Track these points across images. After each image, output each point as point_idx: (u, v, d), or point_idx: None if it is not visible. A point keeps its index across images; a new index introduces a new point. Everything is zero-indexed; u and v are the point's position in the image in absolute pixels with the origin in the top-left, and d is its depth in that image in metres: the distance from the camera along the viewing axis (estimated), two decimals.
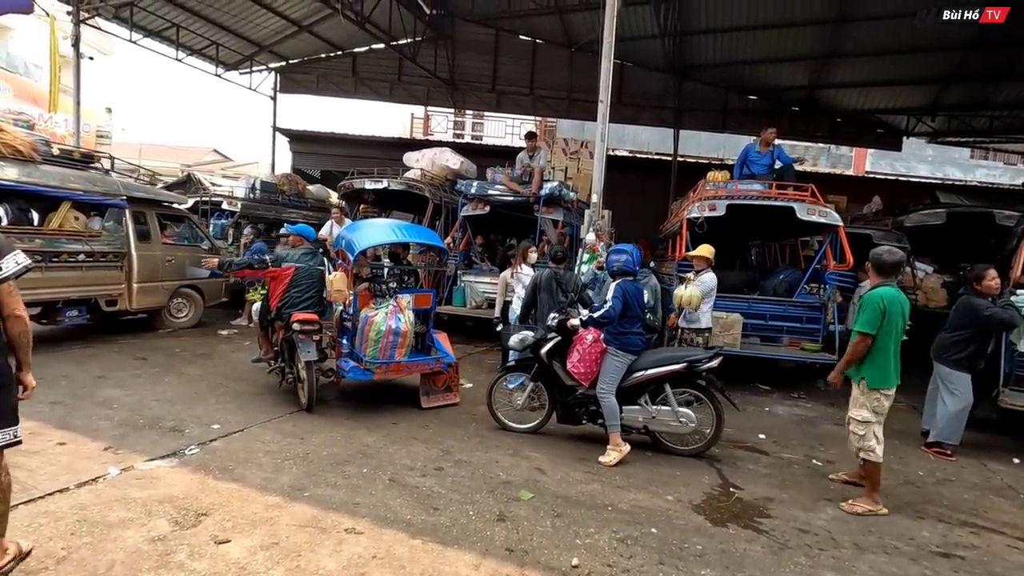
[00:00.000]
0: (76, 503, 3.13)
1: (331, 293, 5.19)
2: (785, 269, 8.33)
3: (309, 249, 5.60)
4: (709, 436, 4.52)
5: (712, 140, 18.06)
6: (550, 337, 4.64)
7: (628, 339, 4.39)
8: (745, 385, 7.05)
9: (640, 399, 4.49)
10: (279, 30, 14.89)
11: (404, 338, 5.09)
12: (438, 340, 5.60)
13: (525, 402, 4.91)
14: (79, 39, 12.57)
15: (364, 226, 5.88)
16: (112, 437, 4.09)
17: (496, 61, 15.92)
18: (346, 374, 5.12)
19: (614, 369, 4.39)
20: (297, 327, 4.97)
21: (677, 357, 4.53)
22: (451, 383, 5.63)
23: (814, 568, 3.01)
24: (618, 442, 4.34)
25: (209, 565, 2.65)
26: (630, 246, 4.71)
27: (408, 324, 5.11)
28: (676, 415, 4.43)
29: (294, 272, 5.28)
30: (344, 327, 5.39)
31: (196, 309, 8.63)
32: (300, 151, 18.75)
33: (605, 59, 7.18)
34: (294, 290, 5.24)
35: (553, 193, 8.70)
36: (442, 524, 3.17)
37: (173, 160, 27.80)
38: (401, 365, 5.19)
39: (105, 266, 7.16)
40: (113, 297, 7.31)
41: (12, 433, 2.41)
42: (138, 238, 7.58)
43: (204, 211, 11.10)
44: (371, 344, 5.00)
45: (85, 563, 2.60)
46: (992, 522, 3.72)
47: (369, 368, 5.01)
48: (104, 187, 7.27)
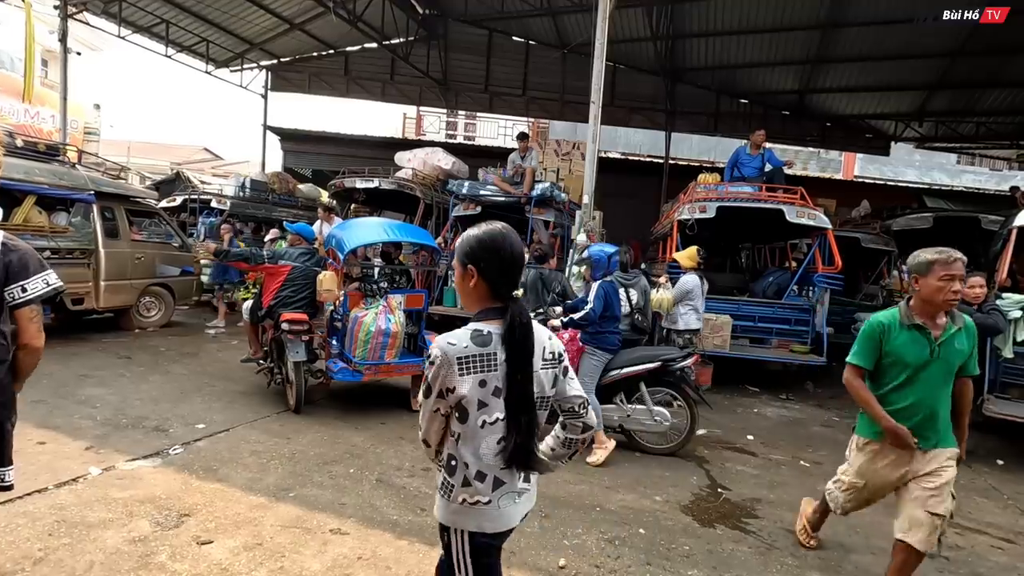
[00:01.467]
0: (55, 503, 3.07)
1: (321, 293, 5.13)
2: (774, 271, 8.39)
3: (307, 249, 5.54)
4: (684, 434, 4.55)
5: (703, 143, 18.17)
6: None
7: (605, 338, 4.42)
8: (734, 386, 7.08)
9: (616, 398, 4.54)
10: (270, 28, 14.79)
11: (394, 339, 5.03)
12: (430, 341, 5.53)
13: None
14: (66, 34, 12.42)
15: (355, 225, 5.82)
16: (94, 437, 4.02)
17: (489, 62, 15.91)
18: (334, 375, 5.06)
19: (592, 368, 4.41)
20: (285, 327, 4.92)
21: (652, 356, 4.57)
22: None
23: (801, 568, 3.01)
24: (603, 440, 4.35)
25: (191, 566, 2.61)
26: (612, 246, 4.75)
27: (398, 325, 5.05)
28: (651, 413, 4.47)
29: (290, 271, 5.24)
30: (334, 327, 5.32)
31: (166, 308, 8.36)
32: (291, 150, 18.64)
33: (597, 61, 7.19)
34: (288, 289, 5.19)
35: (545, 194, 8.69)
36: (429, 525, 3.14)
37: (163, 158, 27.58)
38: (391, 366, 5.12)
39: (71, 263, 6.86)
40: (80, 296, 7.02)
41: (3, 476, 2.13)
42: (106, 234, 7.31)
43: (193, 209, 11.01)
44: (360, 345, 4.94)
45: (63, 564, 2.55)
46: (976, 523, 3.75)
47: (358, 369, 4.95)
48: (71, 181, 6.98)
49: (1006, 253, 5.53)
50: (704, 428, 5.44)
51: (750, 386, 7.21)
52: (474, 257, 1.54)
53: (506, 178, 9.10)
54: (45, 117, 18.76)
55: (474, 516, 1.54)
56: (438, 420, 1.55)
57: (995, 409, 4.99)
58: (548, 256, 5.85)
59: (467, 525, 1.56)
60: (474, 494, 1.53)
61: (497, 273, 1.53)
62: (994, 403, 5.04)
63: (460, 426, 1.52)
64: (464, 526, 1.56)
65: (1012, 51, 11.27)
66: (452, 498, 1.55)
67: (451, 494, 1.55)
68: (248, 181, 12.41)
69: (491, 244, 1.54)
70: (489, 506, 1.54)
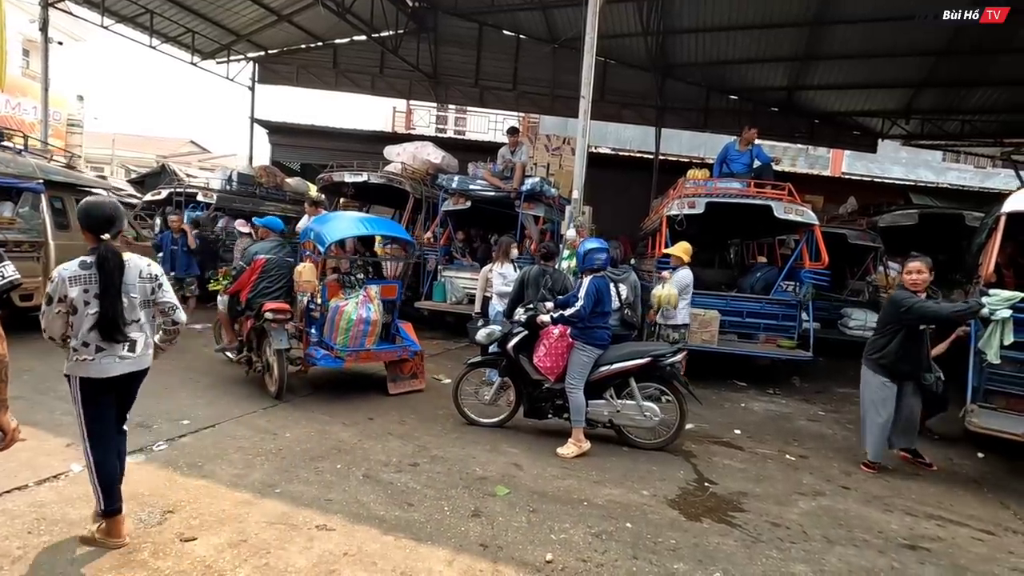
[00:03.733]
0: (35, 500, 3.02)
1: (299, 284, 5.27)
2: (762, 267, 8.44)
3: (278, 240, 5.74)
4: (673, 429, 4.57)
5: (693, 139, 18.21)
6: (517, 331, 4.66)
7: (595, 333, 4.41)
8: (722, 381, 7.13)
9: (605, 393, 4.54)
10: (257, 19, 14.58)
11: (374, 327, 5.35)
12: (403, 330, 5.84)
13: (493, 396, 4.92)
14: (47, 23, 12.17)
15: (333, 219, 5.95)
16: (76, 434, 3.94)
17: (479, 56, 15.82)
18: (317, 361, 5.24)
19: (581, 363, 4.41)
20: (270, 316, 5.05)
21: (641, 351, 4.58)
22: (416, 370, 5.84)
23: (785, 561, 3.04)
24: (580, 438, 4.37)
25: (174, 563, 2.58)
26: (605, 242, 4.75)
27: (378, 313, 5.34)
28: (641, 409, 4.48)
29: (264, 263, 5.40)
30: (311, 317, 5.43)
31: None
32: (279, 143, 18.45)
33: (588, 55, 7.18)
34: (264, 281, 5.36)
35: (534, 189, 8.67)
36: (416, 520, 3.14)
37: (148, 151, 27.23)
38: (371, 353, 5.44)
39: (19, 257, 6.33)
40: (29, 291, 6.46)
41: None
42: (56, 226, 6.85)
43: (179, 202, 10.86)
44: (342, 332, 5.21)
45: (42, 562, 2.51)
46: (958, 515, 3.81)
47: (340, 356, 5.20)
48: (18, 169, 6.62)
49: (992, 244, 4.86)
50: (692, 423, 5.47)
51: (738, 381, 7.26)
52: (78, 216, 2.64)
53: (496, 173, 9.07)
54: (27, 108, 18.38)
55: (83, 368, 2.57)
56: (61, 319, 2.53)
57: (980, 423, 4.39)
58: (554, 254, 5.86)
59: (78, 373, 2.58)
60: (83, 355, 2.55)
61: (88, 225, 2.59)
62: (978, 415, 4.46)
63: (73, 317, 2.54)
64: (76, 374, 2.58)
65: (997, 51, 11.41)
66: (70, 358, 2.58)
67: (70, 355, 2.57)
68: (235, 174, 12.26)
69: (85, 207, 2.61)
70: (92, 362, 2.56)
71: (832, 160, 21.98)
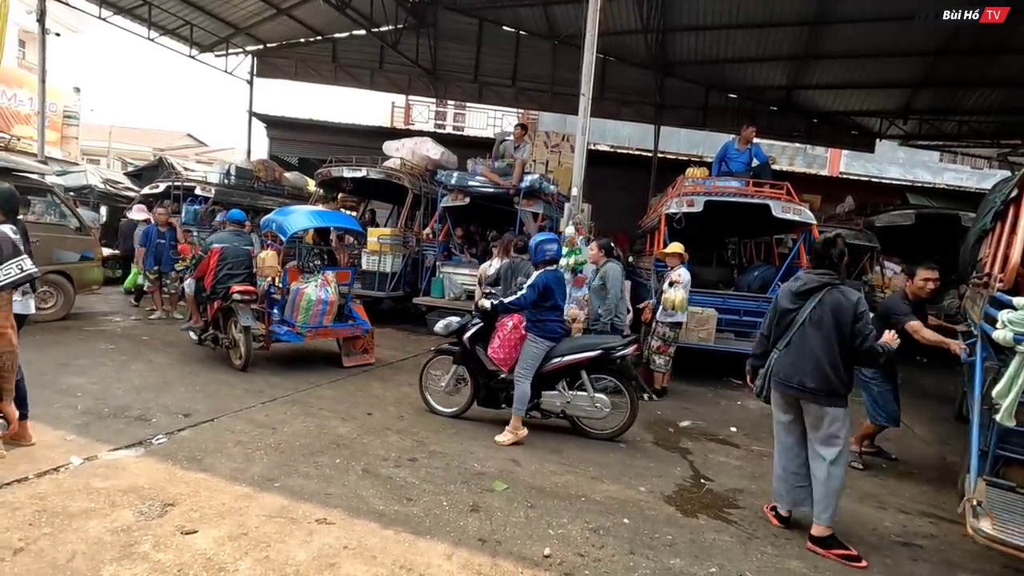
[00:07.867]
0: (35, 493, 3.03)
1: (262, 269, 5.92)
2: (760, 266, 8.47)
3: (235, 231, 6.33)
4: (624, 421, 4.65)
5: (692, 137, 18.25)
6: (474, 323, 4.74)
7: (547, 326, 4.49)
8: (718, 379, 7.17)
9: (558, 384, 4.62)
10: (256, 12, 14.53)
11: (332, 307, 6.06)
12: (355, 311, 6.61)
13: (449, 385, 4.99)
14: (44, 14, 12.08)
15: (290, 212, 6.62)
16: (75, 426, 3.97)
17: (479, 51, 15.79)
18: (280, 337, 5.94)
19: (532, 355, 4.48)
20: (238, 296, 5.64)
21: (593, 344, 4.65)
22: (367, 346, 6.63)
23: (780, 557, 3.08)
24: (518, 427, 4.46)
25: (175, 556, 2.59)
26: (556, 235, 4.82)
27: (335, 295, 6.06)
28: (592, 400, 4.56)
29: (220, 251, 5.93)
30: (272, 299, 6.06)
31: (65, 298, 7.43)
32: (277, 137, 18.40)
33: (588, 52, 7.16)
34: (225, 267, 5.90)
35: (533, 186, 8.68)
36: (415, 515, 3.16)
37: (145, 143, 27.10)
38: (328, 330, 6.23)
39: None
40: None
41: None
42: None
43: (176, 196, 10.84)
44: (302, 312, 5.93)
45: (44, 554, 2.52)
46: (950, 513, 3.84)
47: (301, 332, 5.94)
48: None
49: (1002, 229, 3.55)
50: (688, 420, 5.52)
51: (734, 379, 7.30)
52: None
53: (496, 169, 9.05)
54: (23, 100, 18.29)
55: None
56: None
57: (991, 532, 2.63)
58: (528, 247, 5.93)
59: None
60: None
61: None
62: (987, 515, 2.71)
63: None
64: None
65: (994, 51, 11.46)
66: None
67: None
68: (233, 168, 12.25)
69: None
70: None
71: (830, 159, 22.03)
